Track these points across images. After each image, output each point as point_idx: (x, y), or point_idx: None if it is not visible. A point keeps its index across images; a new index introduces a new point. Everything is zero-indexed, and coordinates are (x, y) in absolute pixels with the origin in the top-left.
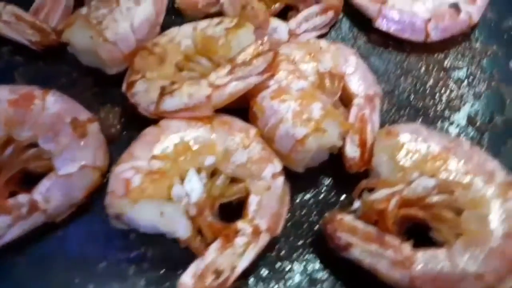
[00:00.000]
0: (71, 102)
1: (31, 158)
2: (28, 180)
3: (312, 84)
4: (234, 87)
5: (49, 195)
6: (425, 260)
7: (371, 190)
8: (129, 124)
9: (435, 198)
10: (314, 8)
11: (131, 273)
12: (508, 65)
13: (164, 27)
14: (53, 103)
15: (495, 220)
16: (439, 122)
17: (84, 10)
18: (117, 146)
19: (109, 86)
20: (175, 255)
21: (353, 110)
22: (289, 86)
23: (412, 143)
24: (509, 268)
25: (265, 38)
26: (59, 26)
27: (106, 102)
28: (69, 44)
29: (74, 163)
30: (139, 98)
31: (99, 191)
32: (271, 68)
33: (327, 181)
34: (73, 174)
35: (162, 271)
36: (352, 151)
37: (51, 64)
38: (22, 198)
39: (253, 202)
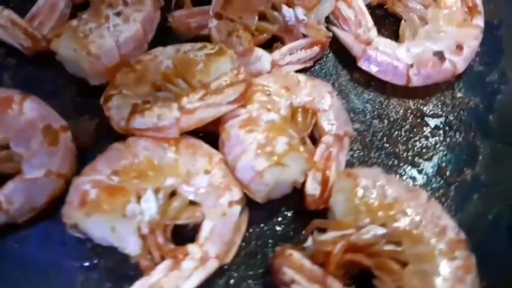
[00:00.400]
0: (48, 110)
1: (1, 159)
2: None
3: (282, 117)
4: (203, 114)
5: (13, 197)
6: None
7: (324, 230)
8: (105, 136)
9: (382, 247)
10: (300, 42)
11: (79, 282)
12: (488, 118)
13: (156, 44)
14: (30, 109)
15: (438, 279)
16: (408, 168)
17: (74, 22)
18: (90, 156)
19: (91, 96)
20: (125, 269)
21: (320, 148)
22: (259, 117)
23: (369, 189)
24: None
25: (242, 69)
26: (50, 34)
27: (86, 112)
28: (56, 54)
29: (40, 169)
30: (113, 112)
31: (62, 198)
32: (242, 98)
33: (288, 214)
34: (38, 179)
35: (108, 285)
36: (312, 188)
37: (39, 69)
38: None
39: (206, 227)
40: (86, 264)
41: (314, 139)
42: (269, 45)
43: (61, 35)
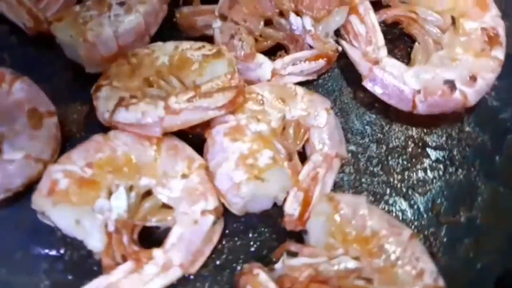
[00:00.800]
0: (37, 93)
1: None
2: None
3: (272, 130)
4: (188, 116)
5: None
6: None
7: (295, 254)
8: (93, 127)
9: (352, 282)
10: (305, 53)
11: (42, 270)
12: (494, 159)
13: (159, 39)
14: (19, 90)
15: None
16: (399, 200)
17: (77, 8)
18: (73, 143)
19: (85, 84)
20: (89, 264)
21: (307, 166)
22: (246, 127)
23: (349, 217)
24: None
25: (236, 75)
26: (53, 17)
27: (77, 99)
28: (56, 37)
29: (20, 151)
30: (99, 103)
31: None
32: (231, 105)
33: (265, 231)
34: (16, 161)
35: (69, 277)
36: (291, 207)
37: (39, 50)
38: None
39: (174, 233)
40: (53, 253)
41: (305, 156)
42: (272, 53)
43: (62, 19)
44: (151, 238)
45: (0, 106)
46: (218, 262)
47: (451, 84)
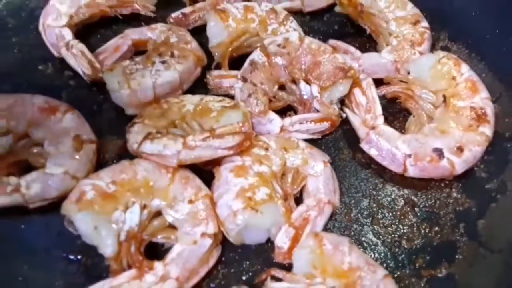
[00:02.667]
0: (83, 124)
1: (34, 154)
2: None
3: (272, 172)
4: (201, 152)
5: (31, 184)
6: None
7: (279, 280)
8: (124, 156)
9: None
10: (312, 115)
11: (58, 271)
12: (478, 223)
13: (190, 93)
14: (69, 120)
15: None
16: (384, 249)
17: (126, 62)
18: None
19: (123, 123)
20: (99, 271)
21: (301, 207)
22: (250, 167)
23: (329, 252)
24: None
25: (247, 124)
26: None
27: (115, 134)
28: (107, 85)
29: (60, 167)
30: (130, 136)
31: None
32: (239, 147)
33: (258, 263)
34: (56, 175)
35: (81, 279)
36: (282, 241)
37: (91, 93)
38: (12, 179)
39: (175, 250)
40: (71, 256)
41: (302, 201)
42: (283, 112)
43: (113, 69)
44: (155, 252)
45: (51, 130)
46: (211, 285)
47: (439, 152)
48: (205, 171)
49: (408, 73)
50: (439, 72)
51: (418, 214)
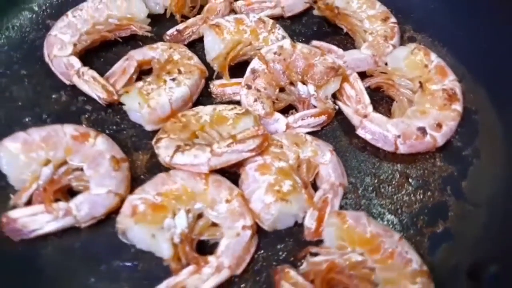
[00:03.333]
0: (113, 145)
1: (75, 178)
2: (71, 193)
3: (290, 166)
4: (228, 157)
5: (81, 206)
6: None
7: (316, 255)
8: (151, 169)
9: (359, 271)
10: (311, 111)
11: (122, 278)
12: (461, 184)
13: (198, 103)
14: (101, 143)
15: None
16: (391, 217)
17: (140, 84)
18: (138, 182)
19: (144, 138)
20: (158, 272)
21: (319, 192)
22: (271, 164)
23: (353, 226)
24: None
25: (262, 127)
26: (121, 91)
27: (139, 150)
28: (124, 104)
29: (104, 187)
30: (161, 151)
31: (117, 212)
32: (259, 148)
33: (290, 243)
34: (101, 195)
35: (145, 281)
36: (309, 223)
37: (108, 115)
38: (62, 204)
39: (223, 243)
40: (128, 263)
41: (316, 186)
42: (286, 111)
43: (129, 92)
44: (204, 248)
45: (88, 155)
46: (256, 268)
47: (423, 130)
48: (228, 173)
49: (386, 65)
50: (413, 61)
51: (412, 183)
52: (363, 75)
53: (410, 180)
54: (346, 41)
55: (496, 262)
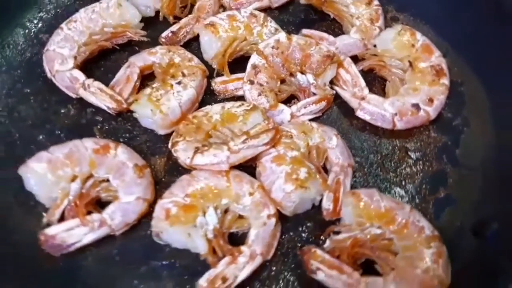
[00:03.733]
0: (133, 153)
1: (103, 190)
2: (101, 204)
3: (302, 153)
4: (245, 153)
5: (114, 216)
6: (367, 285)
7: (338, 233)
8: (170, 171)
9: (379, 242)
10: (312, 98)
11: (164, 276)
12: (455, 152)
13: (203, 102)
14: (122, 153)
15: (419, 261)
16: (397, 189)
17: (147, 91)
18: (161, 185)
19: (159, 142)
20: (195, 266)
21: (331, 175)
22: (285, 154)
23: (368, 203)
24: None
25: (271, 120)
26: (129, 99)
27: (155, 154)
28: (134, 112)
29: (132, 195)
30: (180, 154)
31: (146, 216)
32: (273, 141)
33: (310, 225)
34: (131, 202)
35: (185, 277)
36: (327, 204)
37: (120, 123)
38: (96, 216)
39: (252, 233)
40: (167, 263)
41: (326, 169)
42: (288, 101)
43: (139, 100)
44: (235, 240)
45: (112, 166)
46: (283, 251)
47: (416, 106)
48: (244, 167)
49: (375, 47)
50: (400, 42)
51: (412, 156)
52: (355, 59)
53: (409, 153)
54: (334, 26)
55: (496, 219)
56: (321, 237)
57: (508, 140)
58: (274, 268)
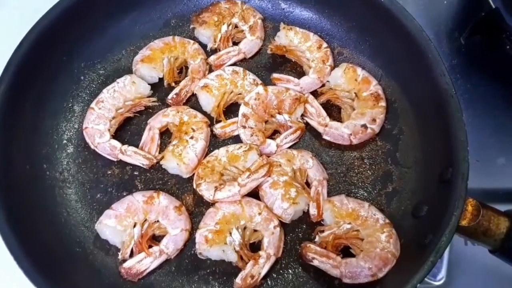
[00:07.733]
0: (171, 198)
1: (156, 228)
2: (156, 239)
3: (290, 177)
4: (250, 185)
5: (168, 245)
6: (346, 264)
7: (323, 231)
8: (197, 204)
9: (350, 234)
10: (290, 131)
11: (210, 280)
12: (396, 155)
13: (208, 145)
14: (163, 199)
15: (377, 243)
16: (359, 191)
17: (170, 148)
18: (193, 216)
19: (185, 183)
20: (230, 270)
21: (312, 189)
22: (278, 180)
23: (339, 206)
24: (383, 264)
25: (264, 156)
26: (156, 155)
27: (184, 192)
28: (163, 165)
29: (177, 229)
30: (204, 192)
31: (188, 240)
32: (268, 173)
33: (303, 227)
34: (178, 234)
35: (225, 278)
36: (312, 211)
37: (153, 174)
38: (155, 248)
39: (265, 241)
40: (210, 270)
41: (308, 183)
42: (273, 135)
43: (165, 156)
44: (254, 248)
45: (159, 211)
46: (287, 248)
47: (365, 126)
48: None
49: (329, 82)
50: (346, 78)
51: (366, 162)
52: (315, 94)
53: (364, 160)
54: (296, 65)
55: (426, 203)
56: (312, 235)
57: (429, 143)
58: (284, 262)
